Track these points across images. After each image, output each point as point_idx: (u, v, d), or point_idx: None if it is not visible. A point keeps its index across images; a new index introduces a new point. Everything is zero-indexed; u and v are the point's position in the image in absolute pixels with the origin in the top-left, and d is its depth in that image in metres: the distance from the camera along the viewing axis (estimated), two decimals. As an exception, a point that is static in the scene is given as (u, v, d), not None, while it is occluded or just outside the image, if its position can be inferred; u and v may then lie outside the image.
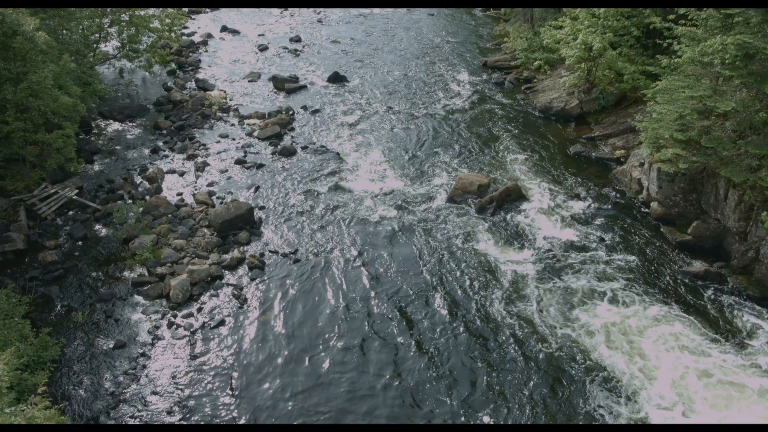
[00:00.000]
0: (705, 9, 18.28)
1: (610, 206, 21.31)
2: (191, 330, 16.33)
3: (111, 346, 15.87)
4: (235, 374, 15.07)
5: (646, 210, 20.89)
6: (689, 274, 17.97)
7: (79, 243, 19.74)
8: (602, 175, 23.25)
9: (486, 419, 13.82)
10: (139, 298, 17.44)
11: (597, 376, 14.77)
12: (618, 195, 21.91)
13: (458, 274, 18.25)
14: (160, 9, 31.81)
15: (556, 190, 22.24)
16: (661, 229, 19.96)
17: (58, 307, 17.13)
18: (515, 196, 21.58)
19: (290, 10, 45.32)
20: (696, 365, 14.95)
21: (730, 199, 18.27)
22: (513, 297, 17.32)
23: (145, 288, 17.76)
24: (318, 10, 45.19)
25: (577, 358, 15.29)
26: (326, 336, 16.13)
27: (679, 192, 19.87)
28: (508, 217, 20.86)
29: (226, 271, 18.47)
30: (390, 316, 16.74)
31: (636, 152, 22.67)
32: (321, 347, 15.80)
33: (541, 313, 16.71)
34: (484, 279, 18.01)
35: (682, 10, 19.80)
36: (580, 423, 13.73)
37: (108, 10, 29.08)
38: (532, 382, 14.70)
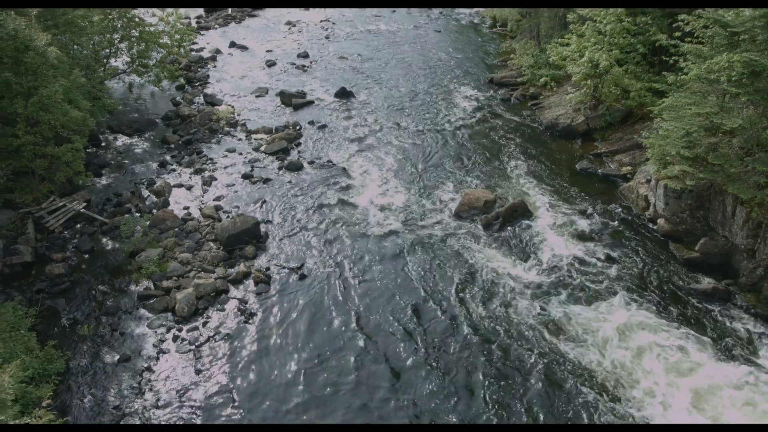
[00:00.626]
0: (710, 27, 18.32)
1: (616, 223, 21.24)
2: (196, 344, 16.31)
3: (116, 359, 15.86)
4: (239, 389, 15.02)
5: (653, 227, 20.80)
6: (697, 292, 17.84)
7: (86, 256, 19.82)
8: (609, 192, 23.21)
9: (492, 437, 13.69)
10: (144, 312, 17.46)
11: (603, 394, 14.63)
12: (625, 211, 21.84)
13: (464, 290, 18.19)
14: (170, 25, 32.13)
15: (563, 207, 22.20)
16: (669, 246, 19.85)
17: (64, 319, 17.17)
18: (521, 212, 21.55)
19: (298, 26, 45.76)
20: (705, 383, 14.79)
21: (737, 216, 18.18)
22: (519, 313, 17.23)
23: (151, 301, 17.78)
24: (325, 26, 45.60)
25: (584, 374, 15.15)
26: (331, 351, 16.06)
27: (687, 209, 19.79)
28: (515, 233, 20.82)
29: (232, 286, 18.48)
30: (395, 331, 16.67)
31: (642, 169, 22.63)
32: (325, 363, 15.73)
33: (547, 330, 16.59)
34: (490, 295, 17.94)
35: (687, 28, 19.86)
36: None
37: (118, 25, 29.49)
38: (536, 398, 14.56)
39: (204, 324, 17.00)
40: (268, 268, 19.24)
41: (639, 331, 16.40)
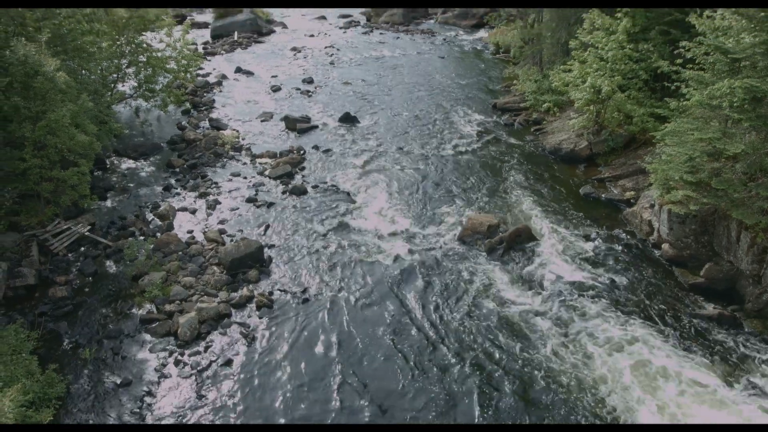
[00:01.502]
0: (711, 53, 18.49)
1: (620, 248, 21.18)
2: (198, 368, 16.20)
3: (117, 383, 15.74)
4: (240, 414, 14.86)
5: (658, 252, 20.72)
6: (703, 317, 17.69)
7: (90, 279, 19.82)
8: (612, 217, 23.19)
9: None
10: (146, 336, 17.38)
11: (610, 419, 14.42)
12: (628, 236, 21.79)
13: (468, 316, 18.08)
14: (177, 51, 32.55)
15: (567, 231, 22.17)
16: (673, 271, 19.76)
17: (66, 343, 17.10)
18: (525, 237, 21.52)
19: (303, 52, 46.35)
20: (712, 411, 14.58)
21: (742, 241, 18.12)
22: (523, 338, 17.09)
23: (153, 325, 17.71)
24: (330, 52, 46.16)
25: (587, 400, 14.96)
26: (333, 378, 15.92)
27: (691, 234, 19.74)
28: (519, 258, 20.76)
29: (235, 310, 18.42)
30: (397, 358, 16.54)
31: (646, 194, 22.65)
32: (328, 389, 15.58)
33: (551, 355, 16.44)
34: (494, 321, 17.82)
35: (688, 54, 20.03)
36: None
37: (126, 50, 29.91)
38: (540, 423, 14.36)
39: (206, 348, 16.90)
40: (271, 293, 19.19)
41: (645, 357, 16.23)
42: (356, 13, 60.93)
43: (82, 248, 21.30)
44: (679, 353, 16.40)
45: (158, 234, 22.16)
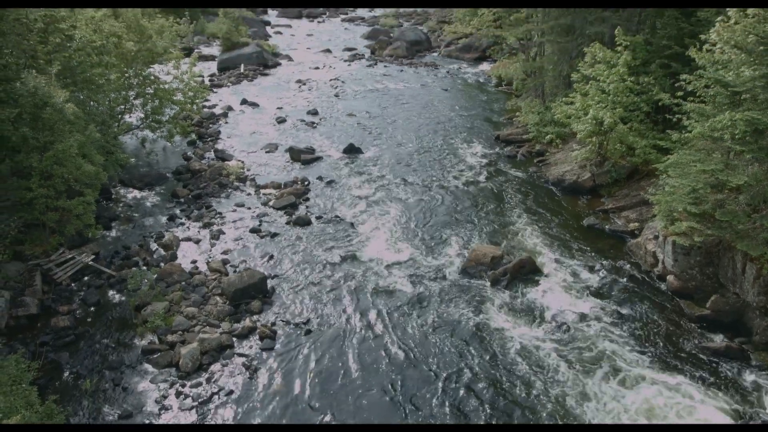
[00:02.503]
0: (712, 86, 18.65)
1: (625, 279, 21.07)
2: (199, 400, 16.01)
3: (117, 415, 15.56)
4: (241, 448, 14.64)
5: (663, 284, 20.60)
6: (710, 350, 17.48)
7: (92, 309, 19.77)
8: (617, 248, 23.12)
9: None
10: (148, 366, 17.24)
11: (617, 457, 14.16)
12: (633, 268, 21.69)
13: (471, 349, 17.91)
14: (184, 83, 33.03)
15: (571, 263, 22.09)
16: (679, 303, 19.61)
17: (67, 373, 16.96)
18: (529, 269, 21.44)
19: (308, 84, 46.95)
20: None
21: (748, 273, 18.01)
22: (527, 371, 16.88)
23: (155, 356, 17.58)
24: (335, 85, 46.77)
25: (596, 437, 14.71)
26: (335, 411, 15.71)
27: (696, 265, 19.64)
28: (523, 289, 20.66)
29: (237, 341, 18.29)
30: (401, 391, 16.34)
31: (650, 225, 22.62)
32: (330, 422, 15.35)
33: (556, 389, 16.21)
34: (498, 354, 17.64)
35: (689, 87, 20.22)
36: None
37: (134, 82, 30.36)
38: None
39: (208, 380, 16.73)
40: (273, 324, 19.08)
41: (652, 391, 16.00)
42: (361, 46, 61.95)
43: (86, 278, 21.29)
44: (688, 387, 16.16)
45: (162, 264, 22.16)
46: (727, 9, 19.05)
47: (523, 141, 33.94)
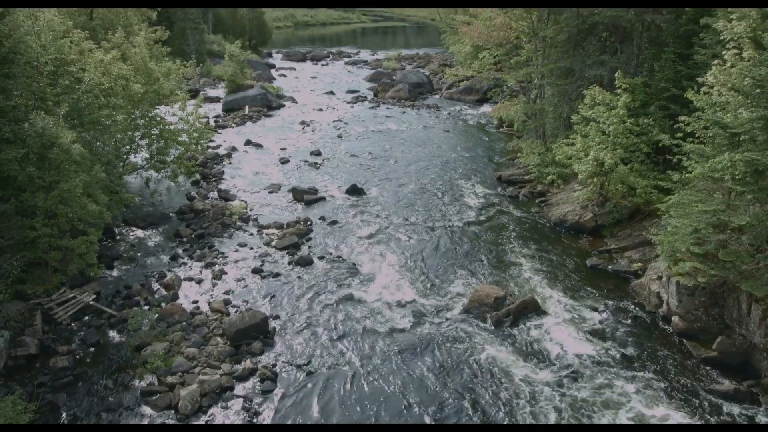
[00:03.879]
0: (711, 128, 18.85)
1: (629, 320, 20.88)
2: (198, 444, 15.71)
3: (114, 459, 15.25)
4: (240, 494, 14.29)
5: (668, 325, 20.40)
6: (718, 393, 17.18)
7: (92, 349, 19.58)
8: (620, 288, 22.99)
9: None
10: (146, 408, 16.97)
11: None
12: (637, 308, 21.52)
13: (474, 391, 17.64)
14: (189, 124, 33.47)
15: (574, 304, 21.94)
16: (685, 345, 19.37)
17: (64, 415, 16.70)
18: (532, 309, 21.29)
19: (311, 125, 47.57)
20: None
21: (753, 314, 17.85)
22: (531, 413, 16.58)
23: (154, 398, 17.33)
24: (338, 126, 47.39)
25: (604, 483, 14.34)
26: (337, 453, 15.39)
27: (701, 306, 19.49)
28: (526, 330, 20.46)
29: (238, 382, 18.04)
30: (404, 432, 16.03)
31: (653, 265, 22.54)
32: (331, 465, 15.04)
33: (563, 433, 15.91)
34: (502, 396, 17.36)
35: (688, 129, 20.43)
36: None
37: (140, 123, 30.81)
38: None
39: (207, 423, 16.44)
40: (274, 365, 18.85)
41: (659, 436, 15.69)
42: (363, 88, 62.98)
43: (86, 317, 21.17)
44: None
45: (163, 304, 22.06)
46: (723, 52, 19.41)
47: (524, 181, 34.16)
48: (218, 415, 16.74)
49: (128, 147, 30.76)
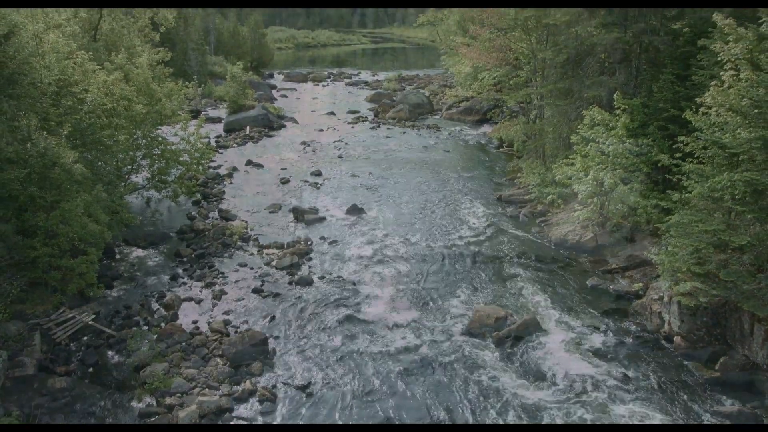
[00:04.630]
0: (709, 148, 18.94)
1: (631, 340, 20.76)
2: (196, 466, 15.53)
3: (111, 482, 15.07)
4: None
5: (670, 344, 20.28)
6: (722, 415, 17.01)
7: (90, 369, 19.45)
8: (621, 308, 22.90)
9: None
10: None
11: None
12: (639, 329, 21.42)
13: (477, 411, 17.49)
14: (191, 144, 33.62)
15: (575, 324, 21.84)
16: (687, 365, 19.23)
17: (61, 437, 16.53)
18: (533, 329, 21.19)
19: (312, 145, 47.80)
20: None
21: (756, 334, 17.77)
22: (535, 436, 16.43)
23: (152, 420, 17.17)
24: (339, 146, 47.61)
25: (608, 507, 14.14)
26: (337, 476, 15.21)
27: (703, 326, 19.41)
28: (527, 350, 20.34)
29: (237, 404, 17.88)
30: (405, 454, 15.85)
31: (654, 285, 22.49)
32: (331, 488, 14.85)
33: (565, 455, 15.72)
34: (503, 417, 17.20)
35: (687, 149, 20.52)
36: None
37: (142, 143, 30.95)
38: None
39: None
40: (274, 386, 18.71)
41: (663, 458, 15.51)
42: (364, 109, 63.40)
43: (85, 337, 21.05)
44: (700, 453, 15.66)
45: (162, 324, 21.97)
46: (720, 73, 19.55)
47: (524, 201, 34.21)
48: (217, 436, 16.57)
49: (130, 167, 30.87)
